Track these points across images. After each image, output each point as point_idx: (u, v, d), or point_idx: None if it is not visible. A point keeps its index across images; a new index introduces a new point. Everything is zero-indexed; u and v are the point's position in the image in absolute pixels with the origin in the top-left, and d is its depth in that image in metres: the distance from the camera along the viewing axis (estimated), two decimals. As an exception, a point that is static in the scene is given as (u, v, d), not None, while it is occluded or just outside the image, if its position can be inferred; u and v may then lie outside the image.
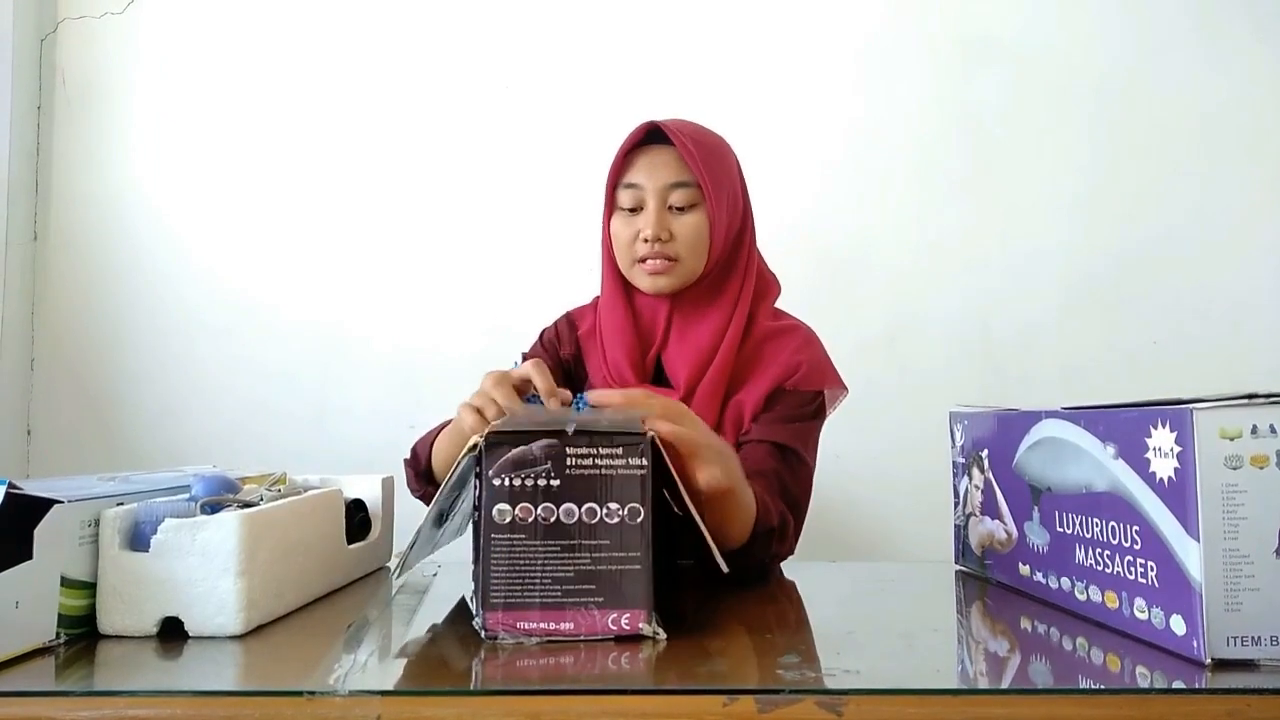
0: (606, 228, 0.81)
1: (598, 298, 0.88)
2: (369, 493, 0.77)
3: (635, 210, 0.78)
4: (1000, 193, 1.43)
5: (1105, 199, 1.44)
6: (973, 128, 1.44)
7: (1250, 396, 0.46)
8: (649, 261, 0.77)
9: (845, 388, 0.82)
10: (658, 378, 0.82)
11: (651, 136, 0.79)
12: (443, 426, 0.78)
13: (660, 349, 0.81)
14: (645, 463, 0.52)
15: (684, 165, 0.77)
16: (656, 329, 0.81)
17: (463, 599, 0.63)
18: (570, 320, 0.90)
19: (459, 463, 0.54)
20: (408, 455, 0.80)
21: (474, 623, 0.51)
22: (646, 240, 0.76)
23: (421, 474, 0.78)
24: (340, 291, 1.44)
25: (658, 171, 0.77)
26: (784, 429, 0.76)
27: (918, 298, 1.42)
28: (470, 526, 0.54)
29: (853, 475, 1.36)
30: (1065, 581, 0.59)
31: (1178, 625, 0.48)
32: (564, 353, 0.87)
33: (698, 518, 0.54)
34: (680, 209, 0.77)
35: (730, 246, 0.82)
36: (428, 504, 0.77)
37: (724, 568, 0.55)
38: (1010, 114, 1.44)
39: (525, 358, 0.86)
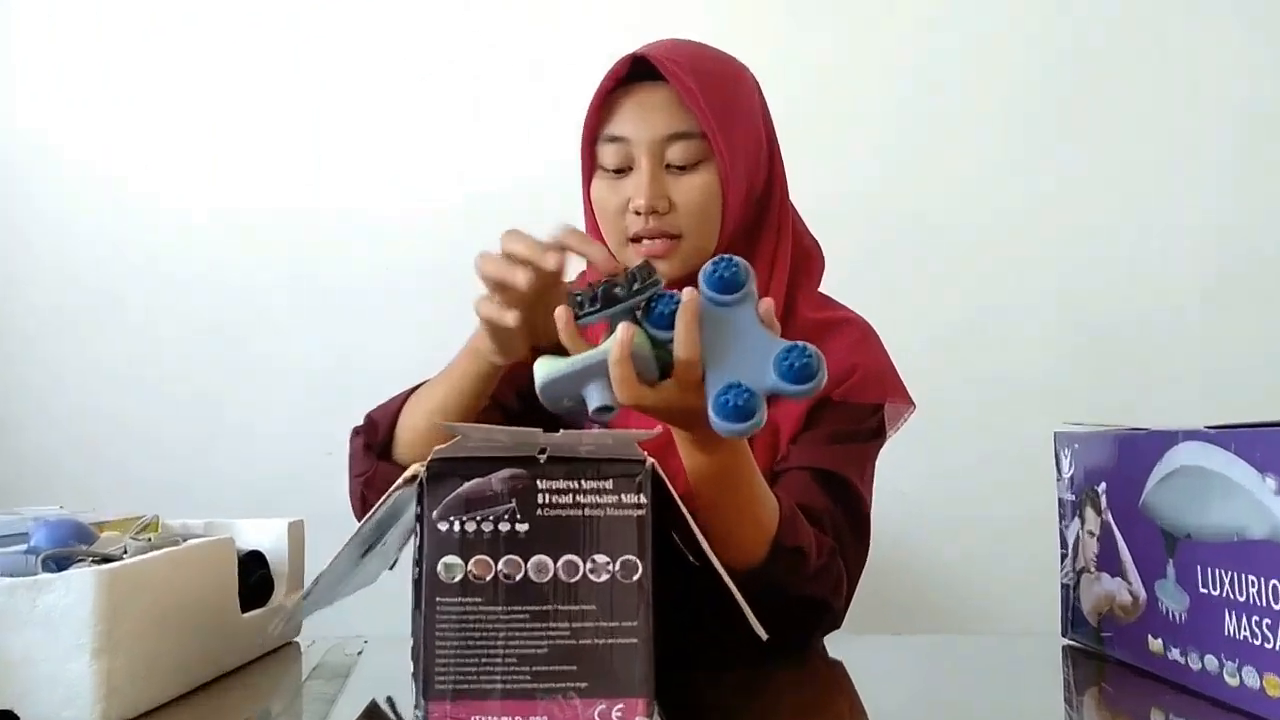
0: (587, 193, 0.81)
1: (584, 275, 0.89)
2: (272, 542, 0.77)
3: (622, 171, 0.78)
4: (1115, 144, 1.43)
5: (1265, 150, 1.43)
6: (1076, 56, 1.44)
7: None
8: (644, 243, 0.77)
9: (911, 402, 0.83)
10: None
11: (638, 71, 0.79)
12: (415, 390, 0.79)
13: None
14: (644, 500, 0.52)
15: (684, 109, 0.76)
16: None
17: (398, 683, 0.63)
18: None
19: (388, 497, 0.54)
20: (359, 424, 0.80)
21: (413, 715, 0.51)
22: (639, 212, 0.76)
23: (377, 449, 0.78)
24: (240, 277, 1.44)
25: (649, 119, 0.77)
26: (832, 452, 0.77)
27: (1004, 281, 1.41)
28: (410, 586, 0.54)
29: (922, 518, 1.35)
30: (1211, 661, 0.59)
31: (1362, 719, 0.48)
32: (547, 341, 0.88)
33: (719, 566, 0.54)
34: (681, 168, 0.77)
35: (753, 211, 0.81)
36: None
37: (761, 633, 0.55)
38: (1130, 34, 1.44)
39: None
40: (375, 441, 0.78)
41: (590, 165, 0.81)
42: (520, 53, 1.46)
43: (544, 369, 0.59)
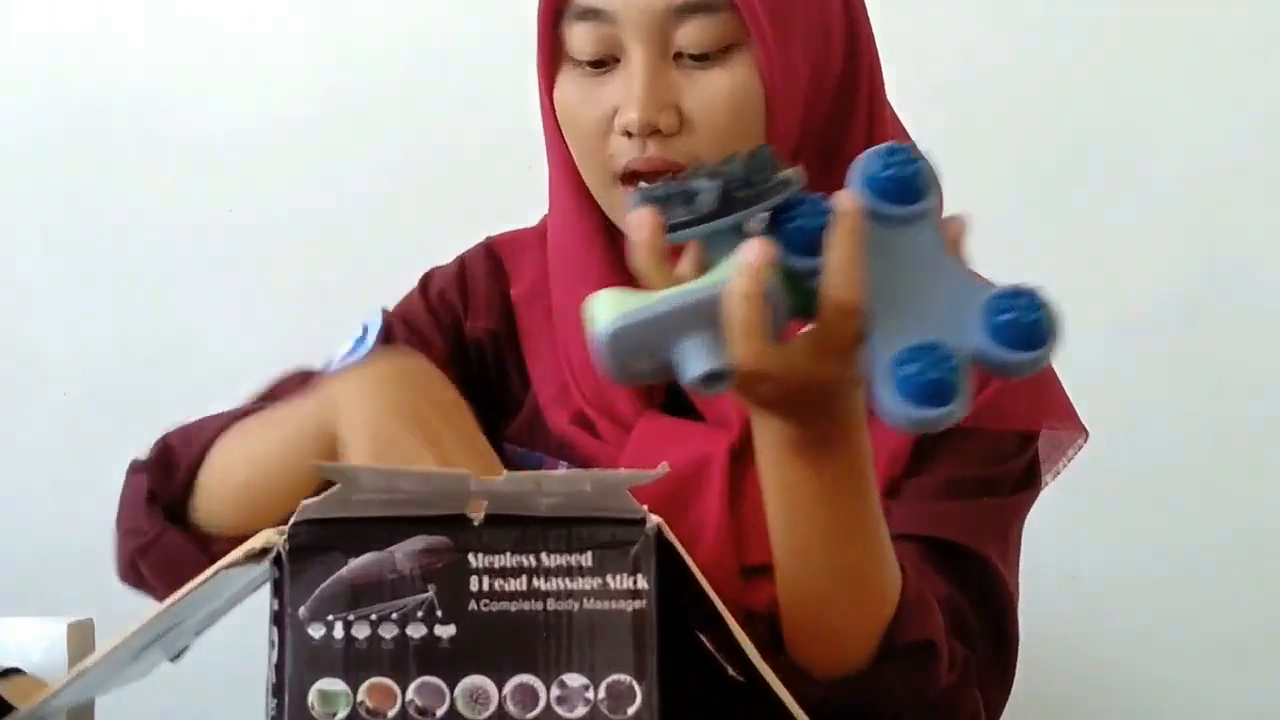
0: (548, 100, 0.83)
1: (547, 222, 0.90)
2: (42, 652, 0.77)
3: (603, 65, 0.79)
4: None
5: None
6: None
7: None
8: (641, 185, 0.77)
9: (1082, 428, 0.84)
10: (675, 398, 0.83)
11: None
12: (235, 418, 0.81)
13: None
14: (643, 584, 0.52)
15: None
16: None
17: None
18: (494, 257, 0.92)
19: (204, 580, 0.54)
20: (144, 455, 0.81)
21: None
22: (630, 133, 0.78)
23: (166, 501, 0.78)
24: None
25: None
26: (956, 512, 0.78)
27: (1247, 233, 1.40)
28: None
29: (1102, 617, 1.34)
30: None
31: None
32: (473, 325, 0.90)
33: (777, 684, 0.54)
34: (699, 58, 0.78)
35: (823, 119, 0.82)
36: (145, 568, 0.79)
37: None
38: None
39: (388, 328, 0.88)
40: (167, 489, 0.79)
41: (552, 55, 0.81)
42: None
43: (613, 309, 0.58)
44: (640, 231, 0.58)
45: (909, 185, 0.58)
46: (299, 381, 0.86)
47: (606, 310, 0.58)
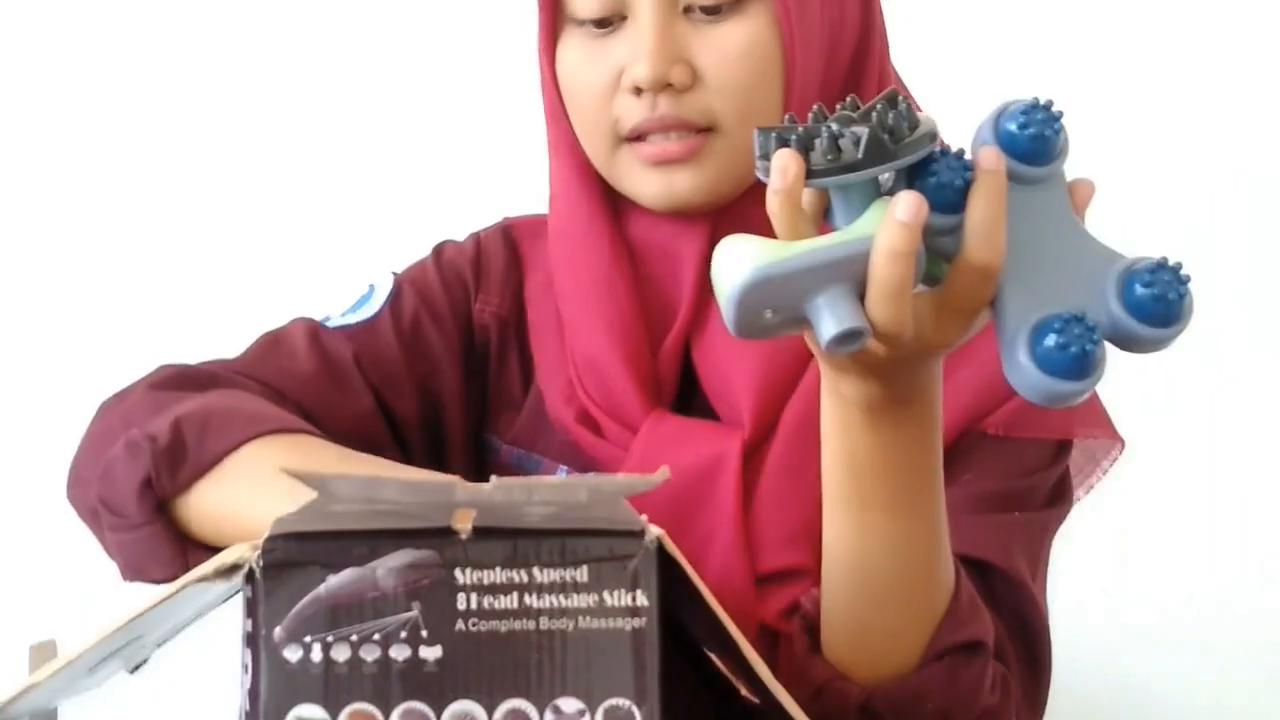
0: (550, 69, 0.84)
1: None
2: (1, 676, 0.74)
3: (608, 24, 0.80)
4: None
5: None
6: None
7: None
8: (650, 140, 0.79)
9: (1118, 436, 0.84)
10: (685, 397, 0.84)
11: None
12: (275, 424, 0.79)
13: (691, 332, 0.83)
14: (643, 600, 0.51)
15: None
16: (679, 288, 0.83)
17: None
18: (511, 242, 0.93)
19: (166, 598, 0.53)
20: (148, 421, 0.78)
21: None
22: (639, 89, 0.78)
23: (172, 492, 0.77)
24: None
25: None
26: (984, 527, 0.77)
27: None
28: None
29: (1140, 639, 1.34)
30: None
31: None
32: (482, 308, 0.91)
33: (789, 701, 0.54)
34: (710, 10, 0.79)
35: (838, 83, 0.81)
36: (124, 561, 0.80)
37: None
38: None
39: (398, 291, 0.89)
40: (165, 484, 0.76)
41: (553, 18, 0.81)
42: None
43: (747, 258, 0.57)
44: (781, 176, 0.57)
45: (1049, 145, 0.58)
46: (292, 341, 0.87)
47: (740, 260, 0.57)
